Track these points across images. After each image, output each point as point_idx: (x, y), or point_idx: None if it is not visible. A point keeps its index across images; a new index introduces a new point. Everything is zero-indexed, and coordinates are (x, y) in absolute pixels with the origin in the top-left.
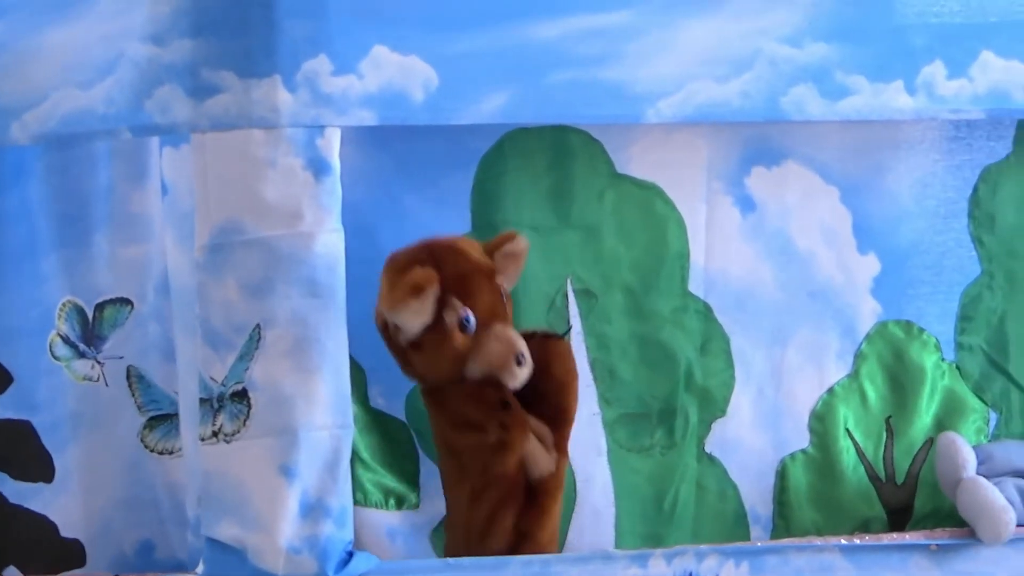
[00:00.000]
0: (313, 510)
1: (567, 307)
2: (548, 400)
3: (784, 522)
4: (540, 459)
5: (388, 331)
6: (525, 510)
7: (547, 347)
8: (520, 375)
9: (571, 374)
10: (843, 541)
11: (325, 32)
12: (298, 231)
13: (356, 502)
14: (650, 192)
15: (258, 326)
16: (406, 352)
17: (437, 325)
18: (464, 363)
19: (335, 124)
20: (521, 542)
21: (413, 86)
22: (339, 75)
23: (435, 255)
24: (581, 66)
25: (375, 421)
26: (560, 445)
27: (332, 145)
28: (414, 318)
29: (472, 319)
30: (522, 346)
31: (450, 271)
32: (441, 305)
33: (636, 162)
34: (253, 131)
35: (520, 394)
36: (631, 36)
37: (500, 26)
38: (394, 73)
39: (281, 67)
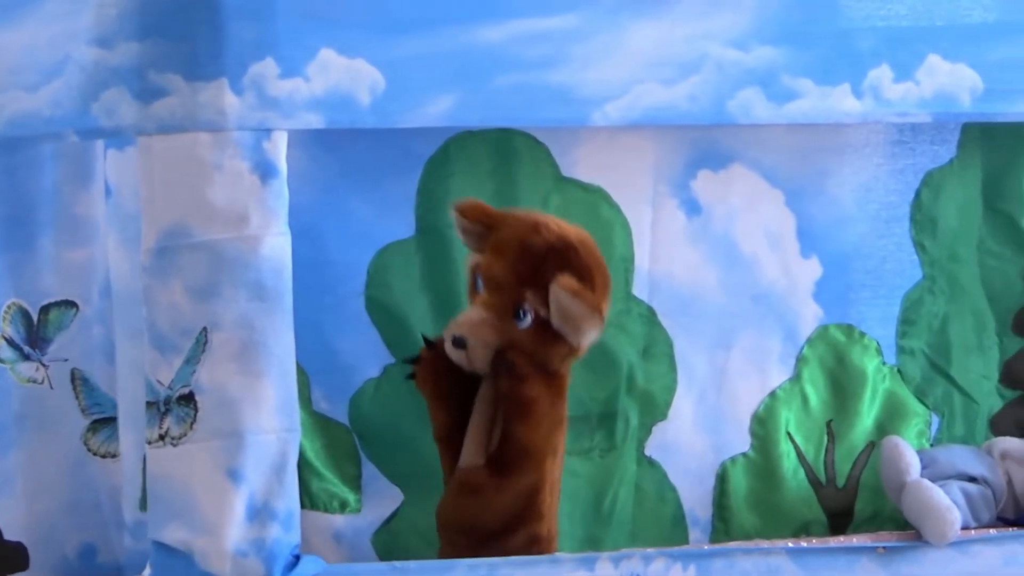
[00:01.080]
0: (260, 513)
1: None
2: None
3: (723, 525)
4: (466, 451)
5: None
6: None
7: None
8: (452, 354)
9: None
10: (790, 544)
11: (272, 35)
12: (244, 234)
13: (303, 505)
14: (595, 195)
15: (204, 329)
16: None
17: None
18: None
19: (282, 127)
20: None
21: (360, 89)
22: (286, 78)
23: (509, 214)
24: (527, 69)
25: (318, 425)
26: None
27: (279, 148)
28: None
29: (479, 280)
30: (460, 330)
31: (504, 234)
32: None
33: (581, 165)
34: (200, 134)
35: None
36: (577, 39)
37: (446, 29)
38: (341, 76)
39: (228, 70)
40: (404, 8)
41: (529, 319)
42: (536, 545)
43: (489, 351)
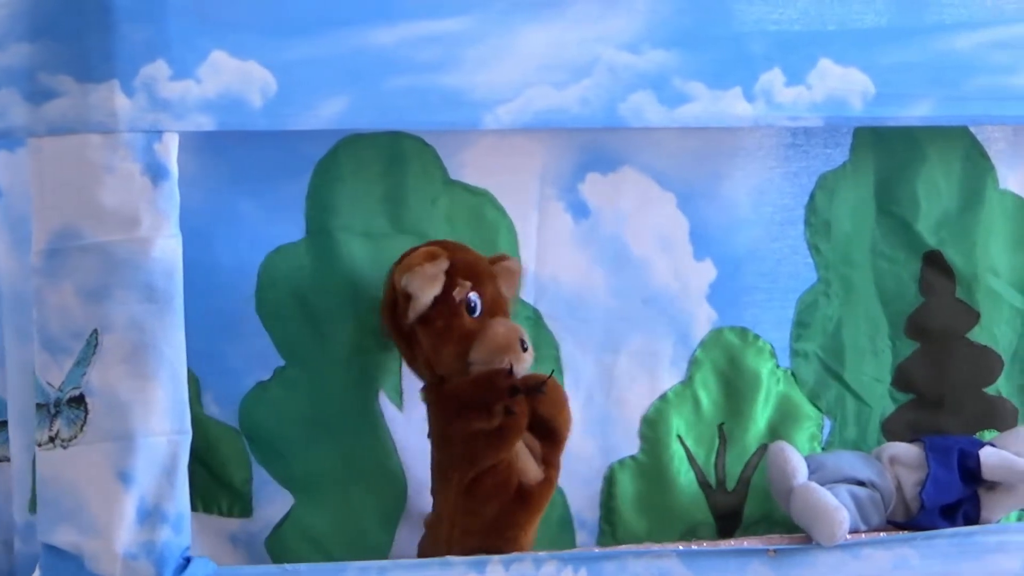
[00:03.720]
0: (150, 516)
1: None
2: (539, 420)
3: (611, 528)
4: (529, 467)
5: (396, 315)
6: (512, 514)
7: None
8: (525, 359)
9: (561, 401)
10: (680, 547)
11: (163, 37)
12: (135, 236)
13: (196, 509)
14: (481, 198)
15: (95, 331)
16: (414, 331)
17: (445, 300)
18: (468, 347)
19: (173, 129)
20: (504, 545)
21: (251, 92)
22: (177, 80)
23: (445, 245)
24: (419, 72)
25: (209, 428)
26: (557, 461)
27: (170, 150)
28: (428, 284)
29: (478, 303)
30: (523, 333)
31: (460, 257)
32: (450, 283)
33: (469, 168)
34: (91, 136)
35: None
36: (469, 42)
37: (338, 32)
38: (232, 78)
39: (119, 72)
40: (296, 10)
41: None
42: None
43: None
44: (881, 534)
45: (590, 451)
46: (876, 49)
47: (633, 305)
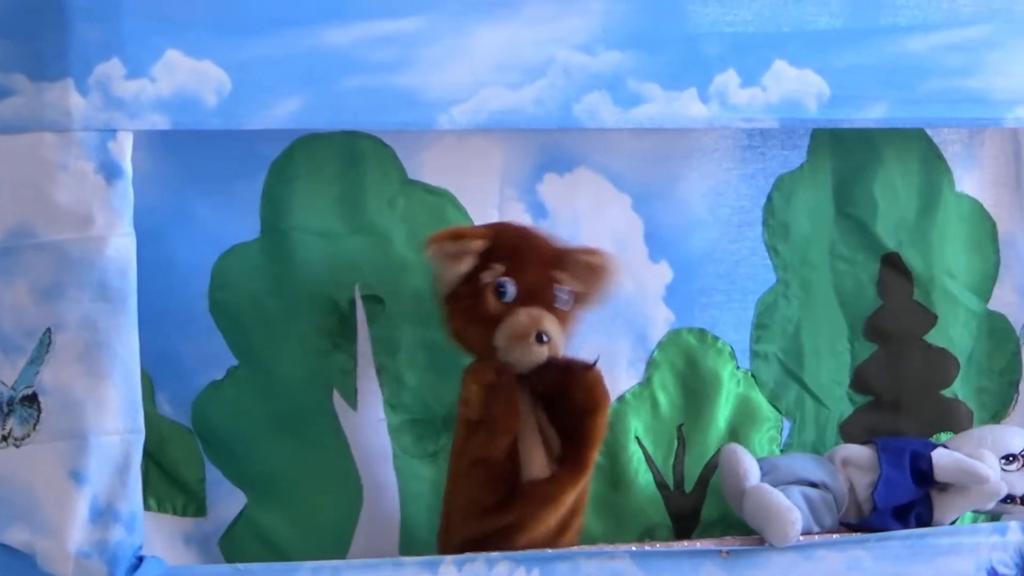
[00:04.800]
0: (103, 515)
1: (355, 313)
2: (568, 421)
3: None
4: (534, 462)
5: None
6: (509, 508)
7: (571, 372)
8: (539, 352)
9: (593, 402)
10: (634, 548)
11: (118, 35)
12: (89, 235)
13: (149, 508)
14: (442, 199)
15: (48, 330)
16: (444, 305)
17: (472, 281)
18: (494, 330)
19: (127, 128)
20: (500, 539)
21: (206, 91)
22: (132, 79)
23: (498, 229)
24: (374, 72)
25: (162, 428)
26: (575, 462)
27: (124, 149)
28: (448, 263)
29: (510, 288)
30: (548, 326)
31: (507, 243)
32: (482, 265)
33: (428, 168)
34: (44, 134)
35: (548, 405)
36: (424, 42)
37: (293, 31)
38: (187, 77)
39: (73, 70)
40: (251, 10)
41: (566, 296)
42: (578, 534)
43: (558, 341)
44: (834, 536)
45: None
46: (831, 51)
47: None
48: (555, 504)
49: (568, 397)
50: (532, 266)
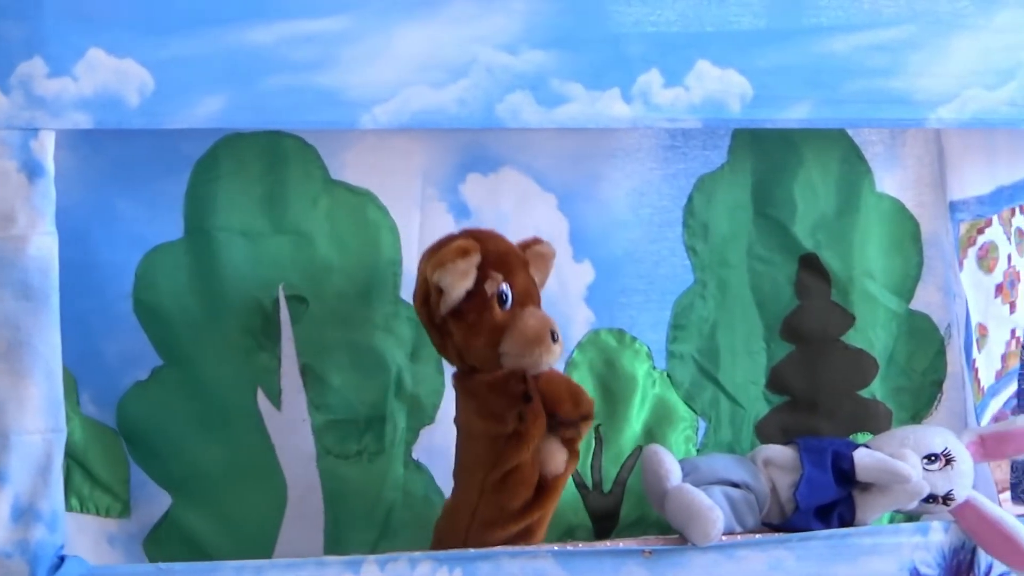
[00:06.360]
0: (24, 514)
1: (279, 313)
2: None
3: None
4: (555, 457)
5: (428, 306)
6: (534, 505)
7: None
8: (556, 351)
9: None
10: (556, 547)
11: (40, 34)
12: (11, 234)
13: (73, 508)
14: (363, 198)
15: None
16: (446, 323)
17: (477, 293)
18: (499, 339)
19: (49, 127)
20: (523, 537)
21: (128, 89)
22: (54, 77)
23: (475, 235)
24: (296, 71)
25: (86, 428)
26: (568, 442)
27: (46, 148)
28: (459, 280)
29: (509, 294)
30: (554, 323)
31: (491, 247)
32: (482, 276)
33: (350, 168)
34: None
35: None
36: (346, 41)
37: (216, 30)
38: (109, 76)
39: None
40: (173, 8)
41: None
42: None
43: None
44: (756, 535)
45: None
46: (754, 51)
47: None
48: (562, 490)
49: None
50: (516, 268)
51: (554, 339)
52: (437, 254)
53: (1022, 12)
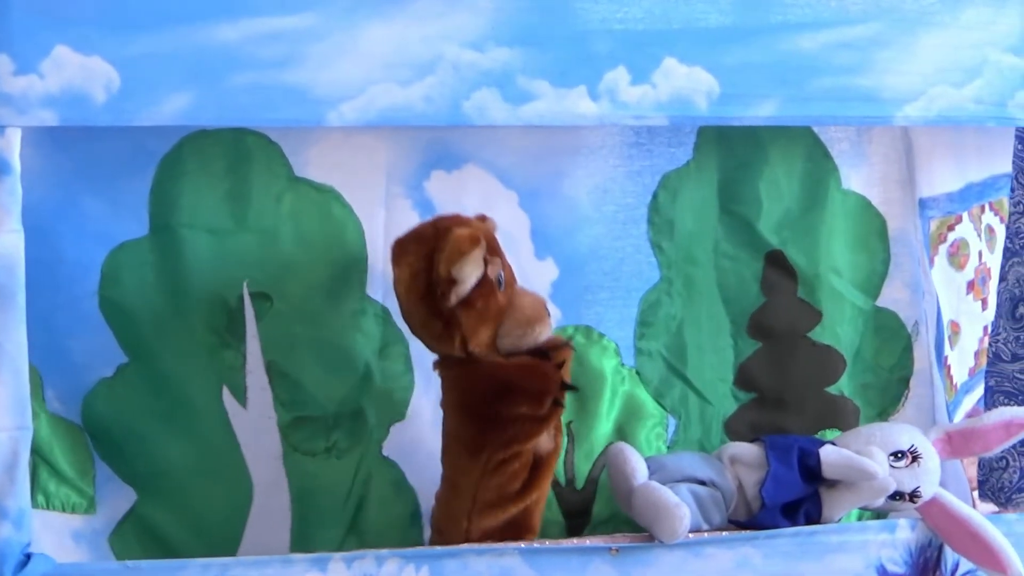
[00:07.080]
0: None
1: (244, 310)
2: None
3: None
4: (544, 437)
5: (432, 299)
6: (530, 486)
7: None
8: (550, 326)
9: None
10: (523, 545)
11: (6, 31)
12: None
13: (38, 505)
14: (328, 196)
15: None
16: (454, 314)
17: (484, 280)
18: (500, 322)
19: (15, 124)
20: (522, 520)
21: (94, 87)
22: (20, 75)
23: (460, 221)
24: (262, 68)
25: (52, 425)
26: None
27: (12, 145)
28: (476, 268)
29: (503, 276)
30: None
31: (483, 232)
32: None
33: (314, 165)
34: None
35: None
36: (313, 39)
37: (182, 27)
38: (75, 73)
39: None
40: (139, 6)
41: None
42: None
43: None
44: (723, 533)
45: (440, 448)
46: (721, 49)
47: None
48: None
49: None
50: (498, 249)
51: (548, 314)
52: (449, 246)
53: (988, 9)
